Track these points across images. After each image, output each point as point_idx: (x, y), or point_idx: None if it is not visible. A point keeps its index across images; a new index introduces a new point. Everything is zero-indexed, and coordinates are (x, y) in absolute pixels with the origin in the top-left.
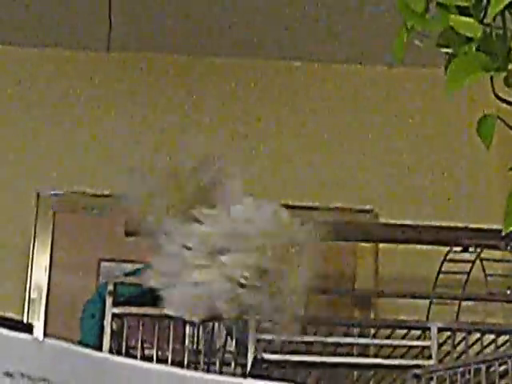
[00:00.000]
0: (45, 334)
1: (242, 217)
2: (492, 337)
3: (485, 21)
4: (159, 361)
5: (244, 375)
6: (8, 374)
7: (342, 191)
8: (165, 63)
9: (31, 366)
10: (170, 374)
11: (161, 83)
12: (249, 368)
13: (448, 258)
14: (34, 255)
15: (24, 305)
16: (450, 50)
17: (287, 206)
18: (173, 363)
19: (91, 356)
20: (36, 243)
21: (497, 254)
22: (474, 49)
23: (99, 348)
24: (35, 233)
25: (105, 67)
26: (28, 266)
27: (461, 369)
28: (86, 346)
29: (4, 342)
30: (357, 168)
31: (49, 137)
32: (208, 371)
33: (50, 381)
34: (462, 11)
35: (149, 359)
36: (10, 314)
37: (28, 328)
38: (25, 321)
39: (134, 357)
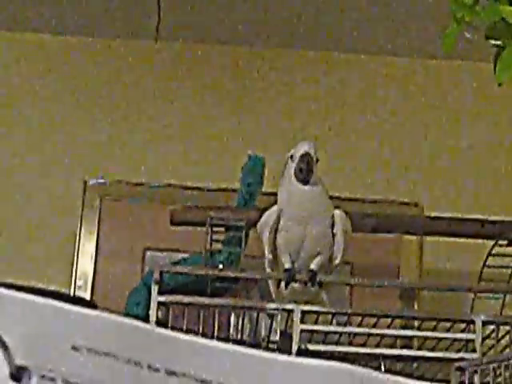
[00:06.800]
0: None
1: None
2: None
3: None
4: None
5: None
6: (75, 348)
7: (388, 184)
8: (214, 53)
9: (98, 341)
10: (233, 351)
11: (209, 74)
12: None
13: (493, 251)
14: (81, 243)
15: (70, 292)
16: (498, 42)
17: (333, 198)
18: None
19: (159, 334)
20: (82, 231)
21: None
22: None
23: None
24: (82, 221)
25: (153, 57)
26: (74, 254)
27: (505, 362)
28: None
29: (71, 317)
30: (402, 161)
31: (96, 125)
32: None
33: (117, 356)
34: None
35: None
36: (72, 292)
37: (91, 305)
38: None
39: None
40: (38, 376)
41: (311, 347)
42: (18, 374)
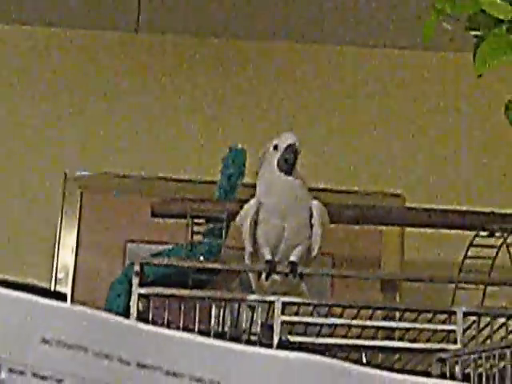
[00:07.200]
0: None
1: None
2: None
3: None
4: None
5: None
6: (44, 341)
7: (369, 175)
8: (195, 45)
9: (68, 333)
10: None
11: (190, 66)
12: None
13: (474, 242)
14: (61, 236)
15: (51, 285)
16: (478, 33)
17: (313, 189)
18: None
19: (130, 327)
20: (63, 224)
21: None
22: (504, 31)
23: None
24: (62, 213)
25: (133, 49)
26: (55, 247)
27: (486, 353)
28: None
29: (39, 310)
30: (384, 152)
31: (76, 117)
32: None
33: (87, 349)
34: None
35: None
36: (44, 284)
37: (62, 297)
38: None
39: None
40: (6, 369)
41: (292, 339)
42: None
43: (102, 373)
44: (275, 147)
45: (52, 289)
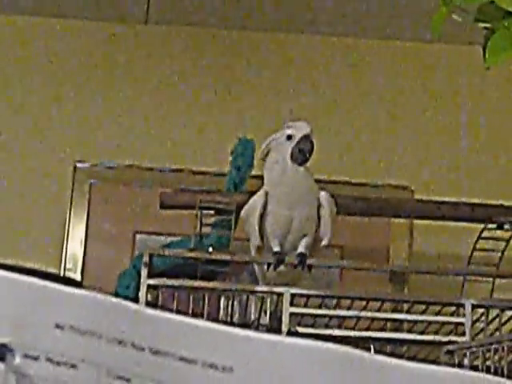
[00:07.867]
0: None
1: None
2: None
3: None
4: None
5: None
6: (58, 326)
7: (378, 167)
8: (203, 36)
9: (81, 319)
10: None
11: (199, 56)
12: None
13: (483, 235)
14: (70, 227)
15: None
16: (488, 25)
17: (322, 181)
18: None
19: (143, 313)
20: (72, 215)
21: None
22: None
23: None
24: (71, 204)
25: (143, 40)
26: (64, 238)
27: (494, 346)
28: None
29: (53, 295)
30: (393, 144)
31: (86, 108)
32: None
33: (101, 335)
34: None
35: None
36: (58, 271)
37: (75, 284)
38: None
39: None
40: (21, 354)
41: (301, 330)
42: (1, 352)
43: (115, 358)
44: (289, 137)
45: (70, 277)
